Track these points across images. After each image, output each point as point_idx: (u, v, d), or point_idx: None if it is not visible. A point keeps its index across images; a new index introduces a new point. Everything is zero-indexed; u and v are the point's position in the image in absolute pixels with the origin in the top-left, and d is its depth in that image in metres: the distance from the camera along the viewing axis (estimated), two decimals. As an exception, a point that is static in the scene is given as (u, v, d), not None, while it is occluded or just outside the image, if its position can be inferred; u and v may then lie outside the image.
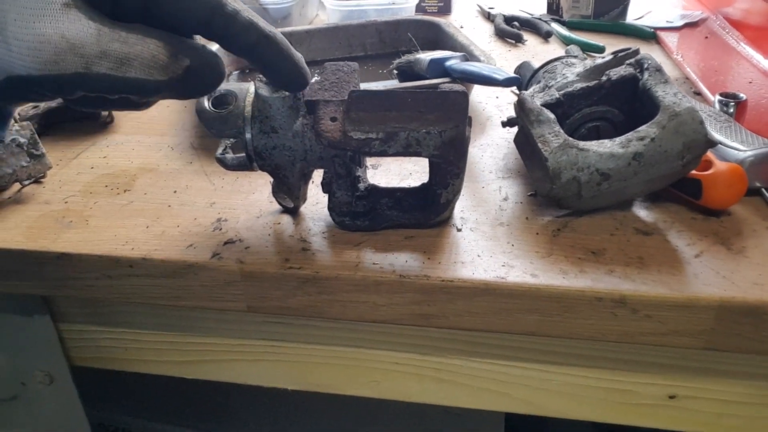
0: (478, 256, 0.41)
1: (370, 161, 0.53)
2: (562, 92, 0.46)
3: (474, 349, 0.45)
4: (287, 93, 0.39)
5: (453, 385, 0.48)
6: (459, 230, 0.44)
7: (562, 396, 0.47)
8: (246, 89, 0.41)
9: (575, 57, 0.52)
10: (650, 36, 0.82)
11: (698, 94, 0.64)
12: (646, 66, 0.44)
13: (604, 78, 0.46)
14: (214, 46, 0.48)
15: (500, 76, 0.51)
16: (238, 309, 0.44)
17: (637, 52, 0.48)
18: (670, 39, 0.80)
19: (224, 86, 0.41)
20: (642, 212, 0.45)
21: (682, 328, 0.38)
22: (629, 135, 0.41)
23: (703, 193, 0.43)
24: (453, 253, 0.41)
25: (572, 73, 0.49)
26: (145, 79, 0.29)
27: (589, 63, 0.50)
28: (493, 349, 0.45)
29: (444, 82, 0.59)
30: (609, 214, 0.45)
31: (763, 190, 0.45)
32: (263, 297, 0.42)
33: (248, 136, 0.40)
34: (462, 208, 0.46)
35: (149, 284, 0.44)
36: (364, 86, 0.71)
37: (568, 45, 0.82)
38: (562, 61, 0.52)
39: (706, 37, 0.77)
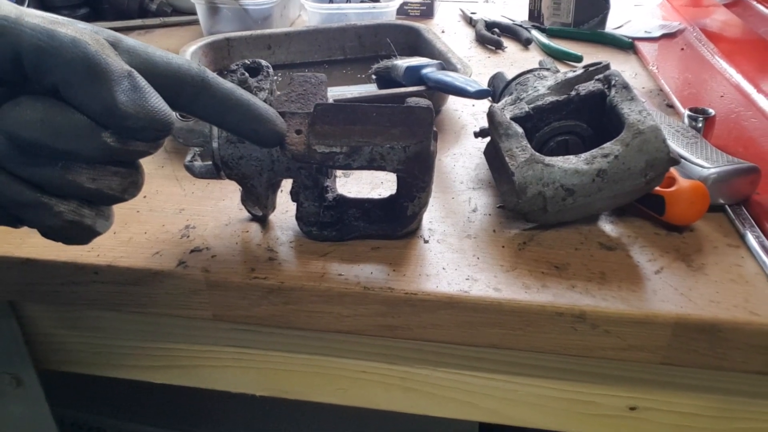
0: (443, 268, 0.41)
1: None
2: (531, 106, 0.47)
3: (439, 359, 0.46)
4: None
5: (419, 394, 0.48)
6: (426, 242, 0.44)
7: (526, 406, 0.47)
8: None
9: (547, 69, 0.53)
10: (628, 46, 0.82)
11: (671, 106, 0.65)
12: (613, 83, 0.45)
13: (573, 93, 0.46)
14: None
15: (472, 88, 0.51)
16: (203, 317, 0.44)
17: (607, 66, 0.49)
18: (648, 49, 0.80)
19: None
20: (607, 226, 0.46)
21: (639, 344, 0.39)
22: (594, 152, 0.42)
23: (666, 210, 0.43)
24: (419, 265, 0.42)
25: (543, 86, 0.49)
26: (74, 39, 0.27)
27: (560, 76, 0.50)
28: (458, 359, 0.45)
29: (419, 90, 0.59)
30: (575, 228, 0.45)
31: (727, 206, 0.46)
32: (229, 306, 0.42)
33: (215, 145, 0.40)
34: (431, 219, 0.46)
35: (114, 291, 0.43)
36: (341, 89, 0.71)
37: (547, 53, 0.83)
38: (534, 73, 0.52)
39: (682, 49, 0.78)
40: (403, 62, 0.65)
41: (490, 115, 0.46)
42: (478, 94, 0.51)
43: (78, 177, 0.29)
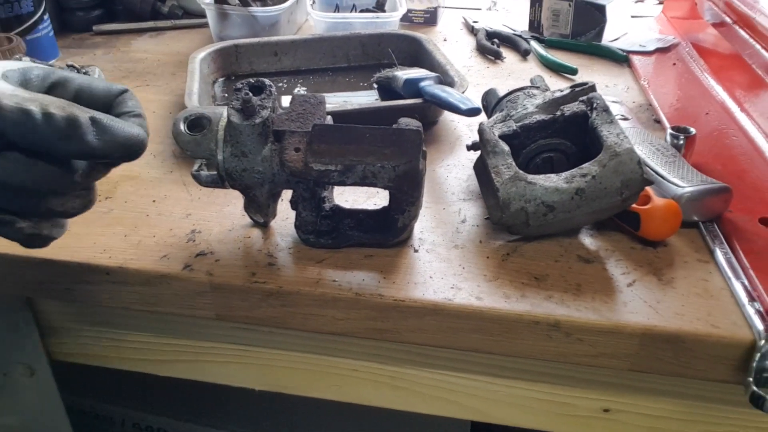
0: (431, 277, 0.44)
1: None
2: (519, 124, 0.49)
3: (426, 360, 0.49)
4: (257, 121, 0.42)
5: (407, 392, 0.52)
6: (416, 251, 0.47)
7: (507, 406, 0.50)
8: (220, 114, 0.44)
9: (537, 88, 0.55)
10: (622, 59, 0.85)
11: (658, 122, 0.68)
12: (594, 105, 0.48)
13: (558, 113, 0.49)
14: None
15: (464, 106, 0.54)
16: (207, 317, 0.47)
17: (592, 88, 0.51)
18: (642, 63, 0.83)
19: (199, 110, 0.44)
20: (587, 239, 0.48)
21: (609, 351, 0.42)
22: (573, 171, 0.45)
23: (641, 226, 0.46)
24: (408, 273, 0.45)
25: (532, 104, 0.52)
26: (46, 113, 0.32)
27: (548, 95, 0.53)
28: (443, 361, 0.49)
29: (416, 103, 0.62)
30: (556, 241, 0.48)
31: (700, 223, 0.49)
32: (230, 307, 0.46)
33: (220, 158, 0.43)
34: (422, 229, 0.49)
35: (125, 291, 0.47)
36: (345, 95, 0.74)
37: (544, 64, 0.85)
38: (524, 91, 0.55)
39: (674, 64, 0.80)
40: (403, 74, 0.67)
41: (480, 132, 0.49)
42: (470, 112, 0.54)
43: (51, 205, 0.35)
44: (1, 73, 0.34)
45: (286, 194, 0.51)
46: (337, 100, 0.76)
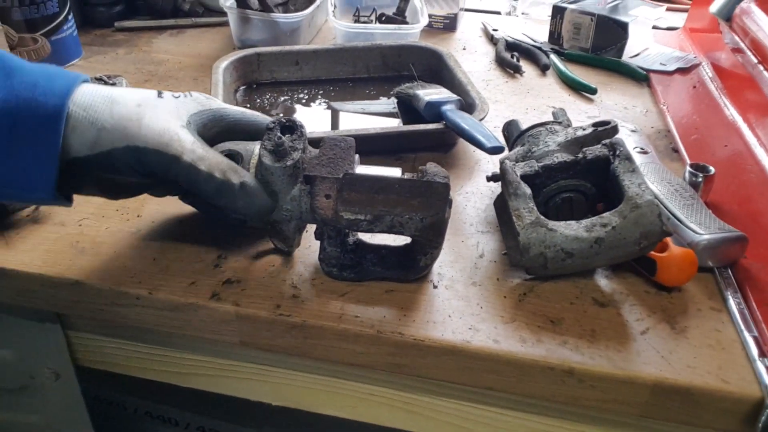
0: (449, 316, 0.46)
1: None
2: (541, 164, 0.50)
3: (440, 390, 0.51)
4: (288, 163, 0.43)
5: (420, 417, 0.53)
6: (435, 287, 0.48)
7: (516, 435, 0.52)
8: (251, 151, 0.45)
9: (559, 123, 0.56)
10: (642, 78, 0.85)
11: (676, 151, 0.68)
12: (617, 152, 0.48)
13: (580, 155, 0.50)
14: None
15: (489, 143, 0.55)
16: (231, 342, 0.48)
17: (615, 129, 0.52)
18: (661, 83, 0.83)
19: (231, 146, 0.45)
20: (602, 281, 0.50)
21: (621, 399, 0.43)
22: (594, 219, 0.46)
23: (657, 272, 0.47)
24: (427, 311, 0.46)
25: (554, 141, 0.53)
26: (209, 174, 0.41)
27: (570, 132, 0.53)
28: (457, 392, 0.50)
29: (437, 129, 0.63)
30: (572, 281, 0.49)
31: (715, 269, 0.50)
32: (255, 336, 0.47)
33: (250, 196, 0.44)
34: (440, 263, 0.51)
35: (154, 314, 0.48)
36: (364, 104, 0.75)
37: (563, 80, 0.86)
38: (546, 127, 0.55)
39: (694, 87, 0.80)
40: (425, 94, 0.68)
41: (502, 171, 0.50)
42: (493, 151, 0.55)
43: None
44: (186, 120, 0.42)
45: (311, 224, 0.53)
46: (355, 108, 0.77)
